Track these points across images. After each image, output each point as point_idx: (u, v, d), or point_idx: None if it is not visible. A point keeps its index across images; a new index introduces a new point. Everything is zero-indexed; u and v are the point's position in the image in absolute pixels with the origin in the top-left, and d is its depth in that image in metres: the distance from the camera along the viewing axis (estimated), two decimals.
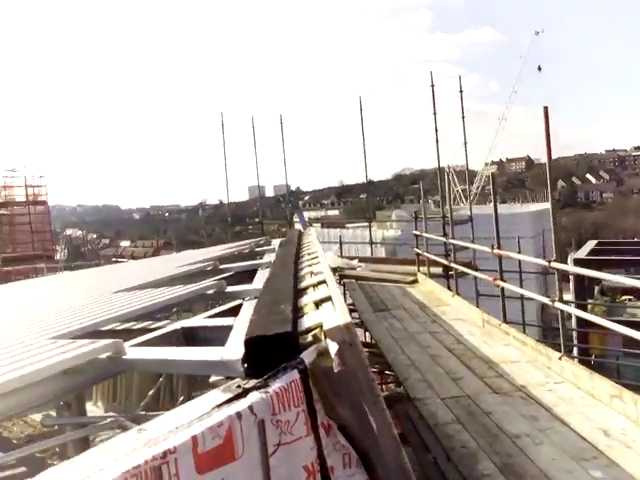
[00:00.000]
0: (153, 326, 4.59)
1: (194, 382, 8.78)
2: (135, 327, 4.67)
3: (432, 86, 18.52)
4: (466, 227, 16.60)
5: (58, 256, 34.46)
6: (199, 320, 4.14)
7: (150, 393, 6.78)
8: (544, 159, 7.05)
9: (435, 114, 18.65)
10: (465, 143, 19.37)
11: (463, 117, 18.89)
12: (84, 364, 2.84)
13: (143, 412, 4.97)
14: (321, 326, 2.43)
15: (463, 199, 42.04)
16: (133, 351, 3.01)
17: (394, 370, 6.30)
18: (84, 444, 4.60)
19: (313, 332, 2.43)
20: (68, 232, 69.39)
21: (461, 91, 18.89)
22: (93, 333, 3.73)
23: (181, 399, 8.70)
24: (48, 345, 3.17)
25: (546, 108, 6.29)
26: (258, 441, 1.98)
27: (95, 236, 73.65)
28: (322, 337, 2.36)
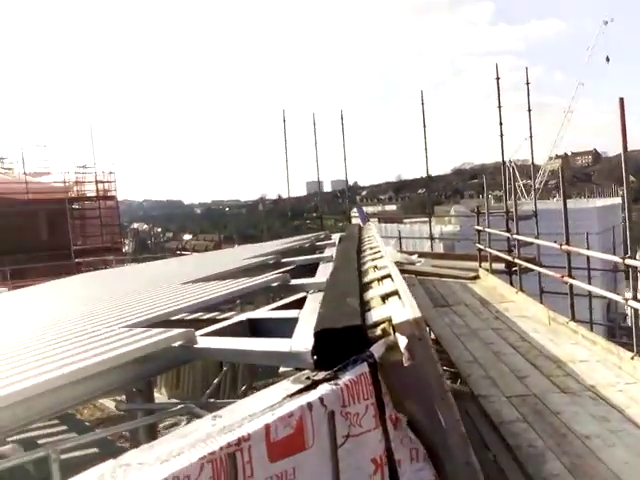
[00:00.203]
0: (220, 317, 4.71)
1: (255, 372, 8.95)
2: (203, 317, 4.80)
3: (497, 79, 18.08)
4: (528, 223, 16.12)
5: (125, 249, 35.85)
6: (264, 312, 4.21)
7: (215, 382, 6.97)
8: (612, 152, 6.76)
9: (500, 107, 18.23)
10: (530, 136, 18.81)
11: (529, 110, 18.34)
12: (158, 352, 2.95)
13: (211, 400, 5.11)
14: (390, 320, 2.42)
15: (525, 194, 40.83)
16: (203, 340, 3.10)
17: (456, 366, 6.20)
18: (153, 429, 4.79)
19: (382, 326, 2.43)
20: (135, 226, 72.11)
21: (528, 83, 18.32)
22: (164, 322, 3.87)
23: (243, 388, 8.89)
24: (124, 333, 3.31)
25: (622, 100, 6.05)
26: (328, 432, 2.01)
27: (160, 230, 76.09)
28: (391, 331, 2.36)
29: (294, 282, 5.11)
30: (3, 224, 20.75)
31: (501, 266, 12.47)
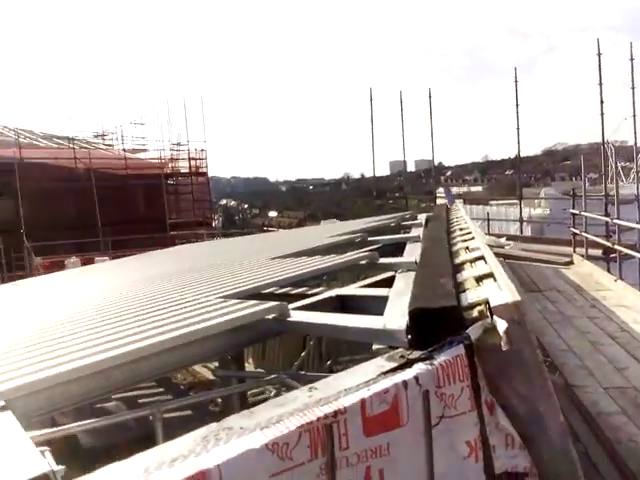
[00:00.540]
0: (309, 292, 4.78)
1: (340, 348, 9.07)
2: (292, 292, 4.90)
3: (599, 54, 17.00)
4: (627, 208, 15.10)
5: (215, 223, 37.16)
6: (353, 289, 4.24)
7: (302, 355, 7.14)
8: None
9: (601, 84, 17.09)
10: (633, 116, 17.54)
11: (633, 88, 17.10)
12: (252, 323, 3.05)
13: (302, 372, 5.24)
14: (487, 302, 2.36)
15: (623, 177, 38.22)
16: (296, 314, 3.16)
17: (549, 354, 5.96)
18: (244, 396, 4.98)
19: (478, 308, 2.37)
20: (223, 202, 74.45)
21: (632, 59, 17.05)
22: (255, 295, 3.98)
23: (328, 363, 9.04)
24: (220, 303, 3.44)
25: None
26: (422, 411, 1.99)
27: (246, 206, 78.15)
28: (488, 314, 2.30)
29: (382, 261, 5.09)
30: (105, 197, 22.08)
31: (597, 252, 11.80)
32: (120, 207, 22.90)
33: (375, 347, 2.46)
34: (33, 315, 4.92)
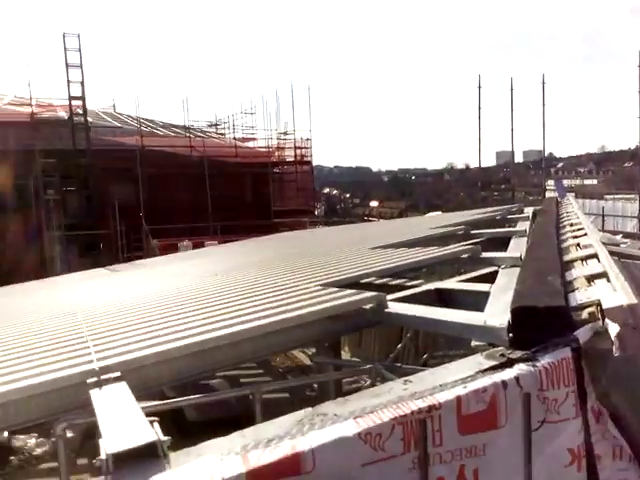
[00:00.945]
0: (407, 284, 4.74)
1: (437, 342, 8.92)
2: (390, 283, 4.87)
3: None
4: None
5: (317, 212, 37.75)
6: (453, 283, 4.14)
7: (398, 347, 7.11)
8: None
9: None
10: None
11: None
12: (350, 312, 3.08)
13: (397, 364, 5.23)
14: (599, 304, 2.22)
15: None
16: (394, 305, 3.15)
17: None
18: (339, 384, 5.05)
19: (588, 309, 2.23)
20: (325, 190, 75.42)
21: None
22: (354, 284, 4.01)
23: (424, 356, 8.94)
24: (319, 291, 3.50)
25: None
26: (522, 414, 1.92)
27: (348, 195, 78.62)
28: (599, 316, 2.16)
29: (484, 255, 4.94)
30: (216, 184, 23.14)
31: None
32: (229, 194, 23.86)
33: (474, 344, 2.39)
34: (147, 293, 5.28)
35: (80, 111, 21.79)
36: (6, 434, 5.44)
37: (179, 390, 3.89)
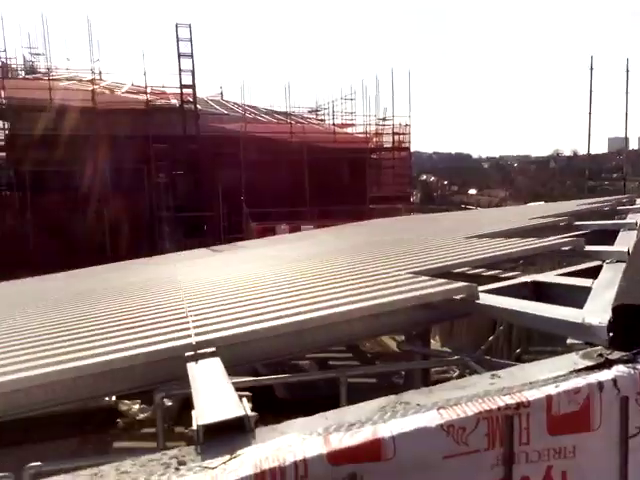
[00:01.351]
0: (502, 275, 4.59)
1: (531, 337, 8.58)
2: (484, 274, 4.75)
3: None
4: None
5: (413, 199, 37.28)
6: (551, 276, 3.95)
7: (490, 339, 6.91)
8: None
9: None
10: None
11: None
12: (440, 301, 3.04)
13: (487, 357, 5.11)
14: None
15: None
16: (485, 297, 3.07)
17: None
18: (426, 373, 5.01)
19: None
20: (423, 177, 74.16)
21: None
22: (446, 274, 3.94)
23: (517, 351, 8.63)
24: (410, 279, 3.48)
25: None
26: (618, 419, 1.82)
27: (445, 182, 76.88)
28: None
29: (588, 248, 4.67)
30: (314, 169, 23.51)
31: None
32: (326, 179, 24.14)
33: (570, 341, 2.29)
34: (245, 273, 5.50)
35: (190, 99, 22.90)
36: (114, 398, 5.96)
37: (271, 368, 4.04)
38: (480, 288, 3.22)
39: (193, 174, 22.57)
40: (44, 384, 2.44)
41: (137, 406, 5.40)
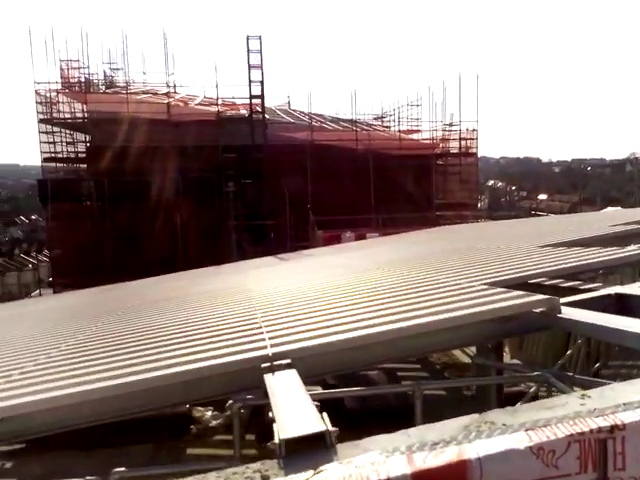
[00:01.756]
0: (582, 287, 4.39)
1: (612, 351, 8.14)
2: (562, 285, 4.55)
3: None
4: None
5: (480, 205, 36.36)
6: (635, 288, 3.74)
7: (567, 353, 6.62)
8: None
9: None
10: None
11: None
12: (518, 314, 2.93)
13: (569, 373, 4.88)
14: None
15: None
16: (567, 310, 2.94)
17: None
18: (500, 388, 4.84)
19: None
20: (490, 183, 72.24)
21: None
22: (522, 285, 3.81)
23: (596, 365, 8.22)
24: (484, 290, 3.38)
25: None
26: None
27: (514, 188, 74.59)
28: None
29: None
30: (379, 177, 23.41)
31: None
32: (392, 186, 23.96)
33: None
34: (314, 283, 5.52)
35: (259, 109, 23.38)
36: (187, 405, 6.11)
37: (339, 379, 4.02)
38: (560, 300, 3.09)
39: (260, 182, 22.99)
40: (128, 393, 2.53)
41: (210, 413, 5.51)
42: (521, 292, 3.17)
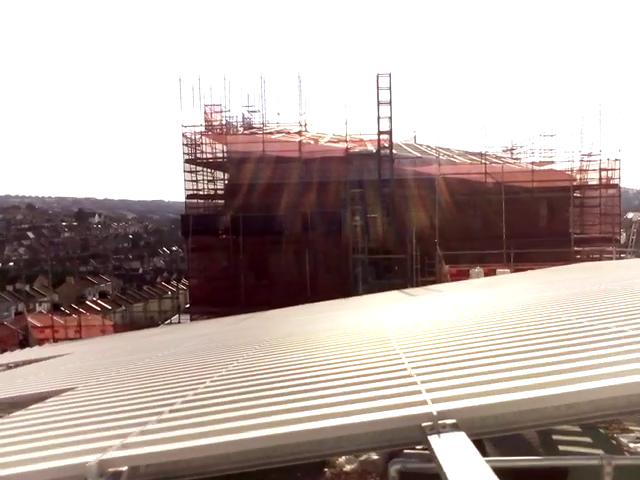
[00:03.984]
0: None
1: None
2: None
3: None
4: None
5: (621, 240, 33.31)
6: None
7: None
8: None
9: None
10: None
11: None
12: None
13: None
14: None
15: None
16: None
17: None
18: None
19: None
20: (629, 216, 66.13)
21: None
22: None
23: None
24: None
25: None
26: None
27: None
28: None
29: None
30: (509, 210, 22.33)
31: None
32: (523, 220, 22.82)
33: None
34: (454, 322, 5.17)
35: (386, 144, 23.52)
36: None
37: (494, 441, 3.63)
38: None
39: (386, 216, 22.95)
40: (274, 446, 2.40)
41: (344, 457, 5.33)
42: None
